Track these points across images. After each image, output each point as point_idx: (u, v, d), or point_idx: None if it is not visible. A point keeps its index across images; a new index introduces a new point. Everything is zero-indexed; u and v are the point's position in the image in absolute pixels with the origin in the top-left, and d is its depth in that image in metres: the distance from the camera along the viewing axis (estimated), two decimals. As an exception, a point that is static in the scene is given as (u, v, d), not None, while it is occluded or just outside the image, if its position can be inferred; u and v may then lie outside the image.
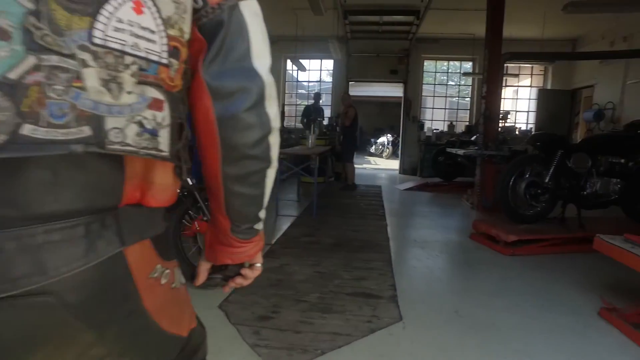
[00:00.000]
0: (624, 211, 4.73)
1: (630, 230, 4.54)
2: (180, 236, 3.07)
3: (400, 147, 11.59)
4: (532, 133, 10.54)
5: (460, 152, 6.67)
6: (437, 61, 11.75)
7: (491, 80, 6.41)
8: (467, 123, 11.29)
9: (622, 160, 4.46)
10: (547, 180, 4.33)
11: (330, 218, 5.67)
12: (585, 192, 4.37)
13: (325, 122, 11.38)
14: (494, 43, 6.39)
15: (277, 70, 11.57)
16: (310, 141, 6.80)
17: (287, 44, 10.71)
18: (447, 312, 2.89)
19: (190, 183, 3.15)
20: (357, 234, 4.90)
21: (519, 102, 11.67)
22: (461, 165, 8.54)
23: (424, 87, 11.56)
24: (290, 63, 11.40)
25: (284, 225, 5.20)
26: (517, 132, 10.59)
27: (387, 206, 6.71)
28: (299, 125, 10.44)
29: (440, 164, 8.91)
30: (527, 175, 4.46)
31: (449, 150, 7.90)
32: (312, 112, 9.36)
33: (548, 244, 4.22)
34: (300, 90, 12.87)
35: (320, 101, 9.91)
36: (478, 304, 3.03)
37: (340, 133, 8.69)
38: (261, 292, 3.16)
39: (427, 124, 11.47)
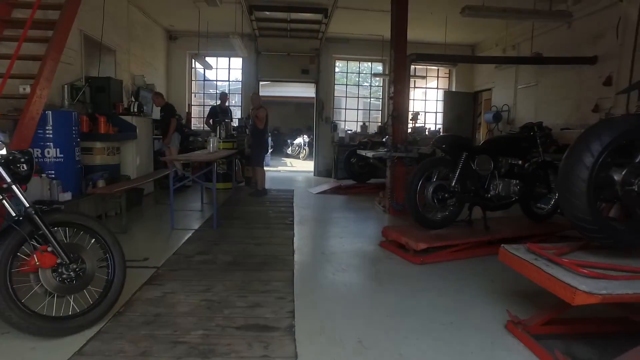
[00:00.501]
0: (522, 211, 4.79)
1: (528, 229, 4.68)
2: (9, 275, 2.37)
3: (314, 149, 11.32)
4: (439, 134, 10.90)
5: (370, 154, 6.50)
6: (349, 61, 11.66)
7: (398, 80, 6.29)
8: (379, 124, 11.33)
9: (520, 162, 4.49)
10: (453, 183, 4.20)
11: (233, 230, 5.14)
12: (489, 194, 4.32)
13: (236, 123, 10.78)
14: (399, 44, 6.27)
15: (182, 67, 10.69)
16: (211, 145, 6.18)
17: (191, 40, 9.92)
18: (350, 343, 2.52)
19: (27, 205, 2.46)
20: (260, 247, 4.42)
21: (428, 103, 11.98)
22: (374, 167, 8.44)
23: (337, 87, 11.41)
24: (195, 61, 10.58)
25: (179, 241, 4.56)
26: (426, 133, 10.82)
27: (298, 213, 6.31)
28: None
29: (353, 166, 8.74)
30: (434, 179, 4.31)
31: (359, 152, 7.72)
32: (218, 113, 8.70)
33: (457, 249, 4.09)
34: (211, 90, 12.07)
35: (228, 102, 9.27)
36: (385, 328, 2.71)
37: (249, 136, 8.15)
38: (131, 334, 2.57)
39: (341, 125, 11.32)
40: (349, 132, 10.84)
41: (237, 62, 11.01)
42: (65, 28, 4.77)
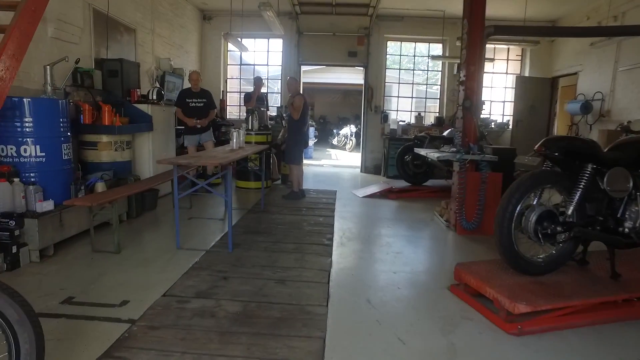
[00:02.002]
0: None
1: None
2: None
3: (362, 142, 9.93)
4: (507, 127, 9.16)
5: (434, 155, 5.04)
6: (403, 42, 10.07)
7: (471, 60, 4.80)
8: (437, 114, 9.73)
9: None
10: (570, 210, 2.73)
11: (253, 253, 3.93)
12: (625, 227, 2.80)
13: (275, 112, 9.62)
14: (475, 15, 4.76)
15: (217, 50, 9.60)
16: (234, 140, 5.00)
17: (226, 21, 8.77)
18: None
19: None
20: (282, 287, 3.17)
21: (494, 90, 10.17)
22: (432, 166, 6.96)
23: (388, 72, 9.89)
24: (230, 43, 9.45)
25: (178, 271, 3.41)
26: (492, 126, 9.13)
27: (339, 226, 5.02)
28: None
29: (407, 165, 7.28)
30: (535, 202, 2.84)
31: (417, 150, 6.26)
32: (250, 102, 7.53)
33: (573, 309, 2.64)
34: (249, 76, 10.94)
35: (263, 88, 8.07)
36: None
37: (286, 128, 6.92)
38: None
39: (392, 115, 9.84)
40: (402, 123, 9.35)
41: (277, 45, 9.77)
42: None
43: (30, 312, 1.80)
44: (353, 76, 15.54)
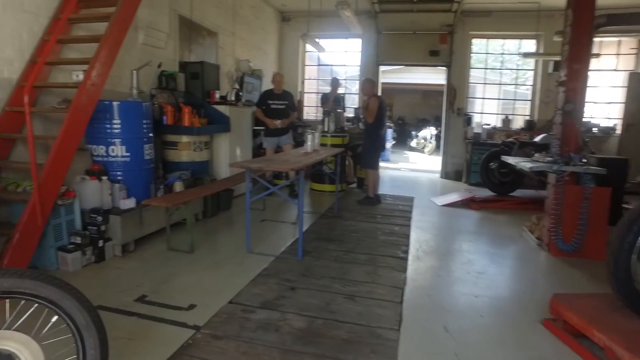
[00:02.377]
0: None
1: None
2: None
3: (442, 146, 9.38)
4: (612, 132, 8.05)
5: (526, 165, 4.49)
6: (489, 39, 9.33)
7: (575, 57, 4.21)
8: (527, 117, 8.89)
9: None
10: None
11: (323, 263, 3.77)
12: None
13: (352, 114, 9.45)
14: (582, 1, 4.17)
15: (295, 51, 9.64)
16: (309, 142, 4.89)
17: (304, 21, 8.76)
18: None
19: None
20: (352, 304, 2.97)
21: (597, 89, 9.02)
22: (521, 175, 6.31)
23: (472, 72, 9.22)
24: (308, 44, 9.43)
25: (246, 277, 3.36)
26: (595, 130, 8.13)
27: (416, 237, 4.70)
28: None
29: (492, 172, 6.69)
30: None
31: (505, 159, 5.68)
32: (327, 103, 7.41)
33: None
34: (327, 77, 10.89)
35: (341, 89, 7.91)
36: None
37: (362, 131, 6.70)
38: None
39: (476, 118, 9.17)
40: (486, 126, 8.67)
41: (355, 45, 9.57)
42: (131, 3, 3.86)
43: (96, 319, 1.79)
44: (433, 76, 14.88)
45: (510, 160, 5.38)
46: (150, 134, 4.25)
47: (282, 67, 9.58)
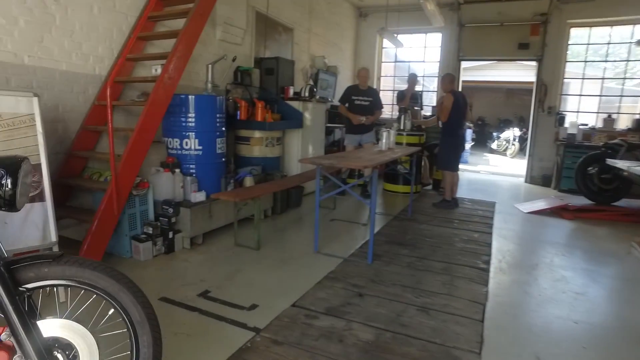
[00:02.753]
0: None
1: None
2: None
3: (528, 147, 8.53)
4: None
5: None
6: (592, 28, 8.27)
7: None
8: (638, 116, 7.75)
9: None
10: None
11: (394, 268, 3.47)
12: None
13: (429, 111, 8.95)
14: None
15: (371, 48, 9.35)
16: (384, 140, 4.60)
17: (381, 17, 8.43)
18: None
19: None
20: (425, 318, 2.65)
21: None
22: (628, 181, 5.46)
23: (568, 65, 8.25)
24: (385, 39, 9.07)
25: (312, 278, 3.17)
26: None
27: (498, 246, 4.21)
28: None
29: (591, 178, 5.88)
30: None
31: (611, 162, 4.93)
32: (403, 100, 7.04)
33: None
34: (404, 75, 10.45)
35: (418, 86, 7.47)
36: None
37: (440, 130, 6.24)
38: None
39: (570, 118, 8.20)
40: (583, 127, 7.71)
41: (434, 40, 9.05)
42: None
43: (151, 315, 1.68)
44: (518, 73, 13.75)
45: (620, 164, 4.64)
46: (223, 128, 4.24)
47: (358, 64, 9.33)
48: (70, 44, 3.49)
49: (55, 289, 1.59)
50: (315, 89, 6.31)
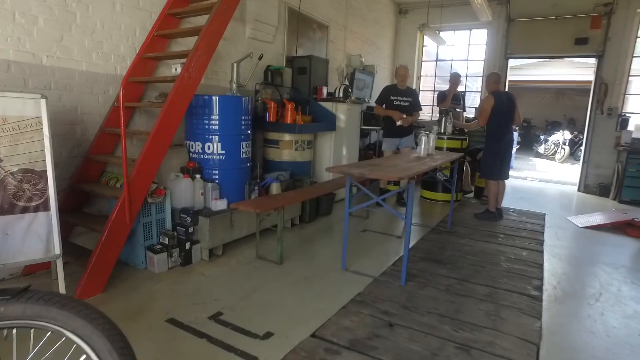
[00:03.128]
0: None
1: None
2: None
3: (583, 152, 7.75)
4: None
5: None
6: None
7: None
8: None
9: None
10: None
11: (429, 292, 3.04)
12: None
13: (472, 114, 8.35)
14: None
15: (411, 46, 8.83)
16: (422, 146, 4.15)
17: (423, 13, 7.91)
18: None
19: None
20: (466, 358, 2.23)
21: None
22: None
23: (635, 61, 7.37)
24: (427, 37, 8.53)
25: (337, 301, 2.80)
26: None
27: (551, 268, 3.68)
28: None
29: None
30: None
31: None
32: (444, 101, 6.52)
33: None
34: (444, 74, 9.86)
35: (461, 86, 6.91)
36: None
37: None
38: None
39: (635, 120, 7.34)
40: (650, 131, 6.87)
41: (479, 38, 8.41)
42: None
43: (124, 350, 1.37)
44: (570, 71, 12.75)
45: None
46: (249, 131, 3.95)
47: (397, 63, 8.84)
48: (90, 43, 3.30)
49: (13, 332, 1.32)
50: (350, 90, 5.93)
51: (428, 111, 9.22)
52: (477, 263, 3.67)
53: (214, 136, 3.70)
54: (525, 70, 13.57)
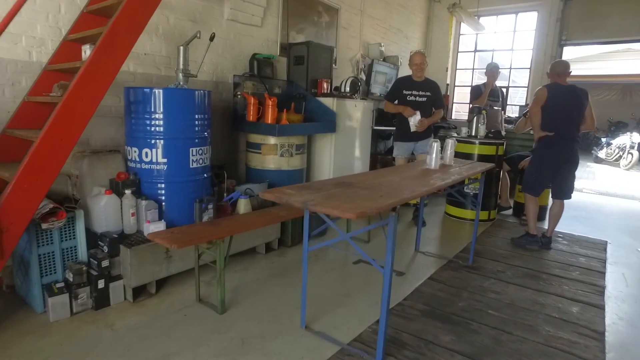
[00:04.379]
0: None
1: None
2: None
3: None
4: None
5: None
6: None
7: None
8: None
9: None
10: None
11: (417, 384, 1.97)
12: None
13: (516, 113, 7.02)
14: None
15: (445, 34, 7.55)
16: (433, 155, 3.02)
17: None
18: None
19: None
20: None
21: None
22: None
23: None
24: (463, 23, 7.21)
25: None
26: None
27: (619, 340, 2.44)
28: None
29: None
30: None
31: None
32: (477, 97, 5.28)
33: None
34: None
35: (501, 79, 5.60)
36: None
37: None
38: None
39: None
40: None
41: (526, 22, 6.99)
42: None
43: None
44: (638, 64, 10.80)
45: None
46: (206, 134, 3.02)
47: (429, 54, 7.62)
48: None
49: None
50: (359, 83, 4.86)
51: (465, 109, 7.92)
52: (501, 325, 2.51)
53: (153, 140, 2.81)
54: (583, 64, 11.77)
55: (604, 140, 12.22)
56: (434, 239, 4.17)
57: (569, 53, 7.21)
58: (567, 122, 3.75)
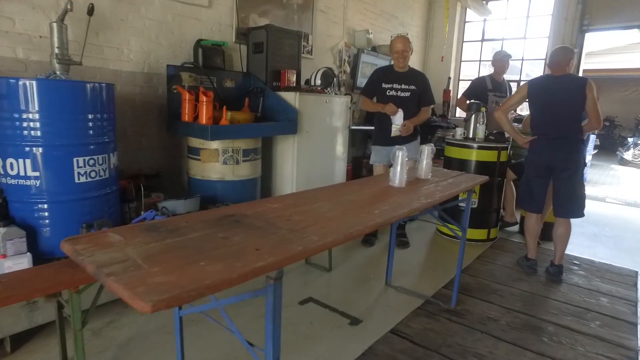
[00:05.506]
0: None
1: None
2: None
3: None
4: None
5: None
6: None
7: None
8: None
9: None
10: None
11: None
12: None
13: (525, 110, 6.04)
14: None
15: (450, 21, 6.64)
16: (398, 168, 2.22)
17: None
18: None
19: None
20: None
21: None
22: None
23: None
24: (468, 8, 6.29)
25: None
26: None
27: None
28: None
29: None
30: None
31: None
32: (478, 91, 4.39)
33: None
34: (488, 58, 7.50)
35: (510, 72, 4.66)
36: None
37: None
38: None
39: None
40: None
41: (542, 6, 6.02)
42: None
43: None
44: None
45: None
46: (106, 138, 2.29)
47: (430, 44, 6.74)
48: None
49: None
50: (334, 75, 4.05)
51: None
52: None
53: (20, 148, 2.10)
54: (606, 57, 10.61)
55: (630, 140, 11.04)
56: (414, 267, 3.35)
57: (592, 42, 6.20)
58: (555, 119, 2.97)
